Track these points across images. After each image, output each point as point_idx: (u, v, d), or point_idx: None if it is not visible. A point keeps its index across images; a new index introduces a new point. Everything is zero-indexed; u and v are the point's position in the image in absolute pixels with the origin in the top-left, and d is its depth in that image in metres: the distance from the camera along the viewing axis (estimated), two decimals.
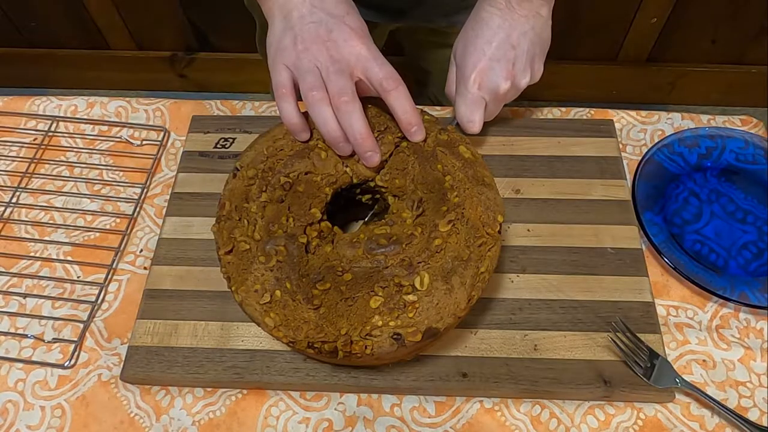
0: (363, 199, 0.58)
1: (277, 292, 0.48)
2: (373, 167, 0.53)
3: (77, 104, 0.75)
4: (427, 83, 0.96)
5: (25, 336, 0.59)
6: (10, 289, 0.62)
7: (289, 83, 0.53)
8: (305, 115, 0.54)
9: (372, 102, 0.55)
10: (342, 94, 0.50)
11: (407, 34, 0.90)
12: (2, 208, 0.67)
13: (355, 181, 0.54)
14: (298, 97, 0.53)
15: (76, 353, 0.58)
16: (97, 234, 0.65)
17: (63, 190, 0.68)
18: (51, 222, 0.66)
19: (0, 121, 0.73)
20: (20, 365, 0.58)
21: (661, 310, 0.59)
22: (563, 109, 0.72)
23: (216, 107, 0.73)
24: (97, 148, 0.71)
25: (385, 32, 0.86)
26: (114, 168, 0.70)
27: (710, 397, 0.53)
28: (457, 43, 0.61)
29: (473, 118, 0.59)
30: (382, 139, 0.54)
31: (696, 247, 0.62)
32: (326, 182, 0.53)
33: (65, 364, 0.57)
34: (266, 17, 0.56)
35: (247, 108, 0.73)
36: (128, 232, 0.65)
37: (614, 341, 0.54)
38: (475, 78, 0.58)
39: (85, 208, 0.67)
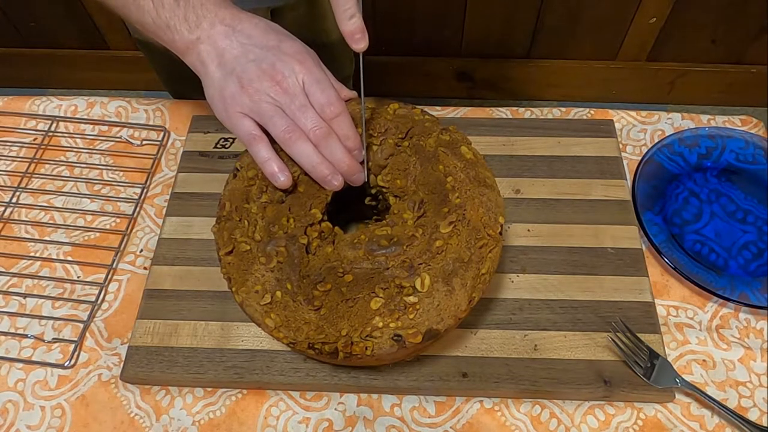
0: (364, 200, 0.58)
1: (278, 293, 0.48)
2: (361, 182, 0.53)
3: (77, 104, 0.75)
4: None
5: (25, 336, 0.59)
6: (10, 289, 0.62)
7: (256, 129, 0.51)
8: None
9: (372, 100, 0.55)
10: (315, 127, 0.50)
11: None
12: (2, 208, 0.67)
13: None
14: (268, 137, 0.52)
15: (76, 353, 0.58)
16: (97, 234, 0.65)
17: (63, 190, 0.68)
18: (51, 222, 0.66)
19: (0, 121, 0.73)
20: (20, 365, 0.58)
21: (661, 310, 0.59)
22: (563, 109, 0.72)
23: None
24: (97, 148, 0.71)
25: (267, 13, 0.80)
26: (114, 168, 0.70)
27: (710, 397, 0.53)
28: None
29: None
30: (383, 140, 0.54)
31: (696, 247, 0.62)
32: None
33: (65, 364, 0.57)
34: (195, 70, 0.53)
35: None
36: (128, 232, 0.65)
37: (614, 341, 0.54)
38: None
39: (85, 208, 0.67)
